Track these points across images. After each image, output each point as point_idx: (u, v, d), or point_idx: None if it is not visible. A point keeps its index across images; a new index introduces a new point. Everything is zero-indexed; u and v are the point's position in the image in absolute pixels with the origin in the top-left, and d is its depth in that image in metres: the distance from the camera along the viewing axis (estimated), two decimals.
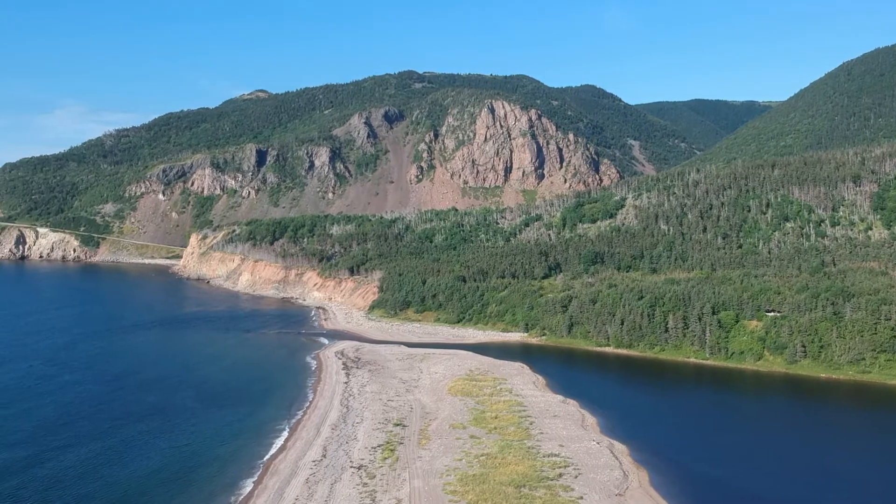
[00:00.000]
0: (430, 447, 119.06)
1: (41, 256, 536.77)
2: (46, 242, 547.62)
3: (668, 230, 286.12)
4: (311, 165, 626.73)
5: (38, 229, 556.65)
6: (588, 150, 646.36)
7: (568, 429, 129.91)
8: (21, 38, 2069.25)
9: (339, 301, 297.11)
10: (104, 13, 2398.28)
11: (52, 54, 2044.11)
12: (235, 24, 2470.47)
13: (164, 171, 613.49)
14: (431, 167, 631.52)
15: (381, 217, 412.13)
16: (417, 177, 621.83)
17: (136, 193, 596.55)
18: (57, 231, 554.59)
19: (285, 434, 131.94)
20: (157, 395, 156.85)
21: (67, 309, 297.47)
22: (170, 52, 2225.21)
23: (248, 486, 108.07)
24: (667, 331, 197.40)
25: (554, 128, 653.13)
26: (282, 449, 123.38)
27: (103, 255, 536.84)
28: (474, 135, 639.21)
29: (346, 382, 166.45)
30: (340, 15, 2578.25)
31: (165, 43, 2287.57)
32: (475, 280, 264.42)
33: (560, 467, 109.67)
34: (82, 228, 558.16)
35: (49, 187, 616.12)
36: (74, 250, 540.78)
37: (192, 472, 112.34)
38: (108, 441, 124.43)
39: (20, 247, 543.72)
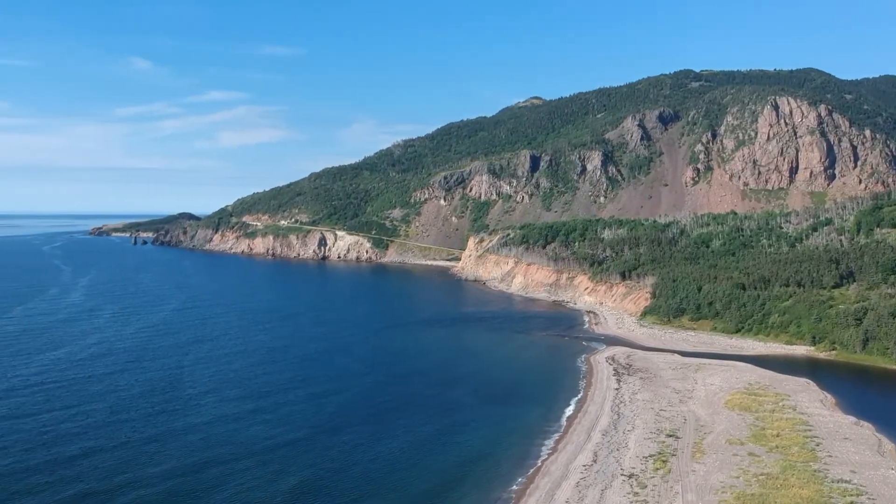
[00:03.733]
0: (704, 461, 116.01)
1: (339, 257, 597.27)
2: (343, 244, 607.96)
3: None
4: (583, 169, 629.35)
5: (337, 232, 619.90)
6: (888, 147, 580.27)
7: (861, 453, 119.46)
8: (320, 62, 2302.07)
9: (610, 306, 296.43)
10: (392, 35, 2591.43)
11: (350, 76, 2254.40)
12: (514, 33, 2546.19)
13: (444, 178, 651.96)
14: (708, 169, 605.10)
15: (655, 221, 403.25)
16: (693, 179, 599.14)
17: (420, 199, 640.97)
18: (352, 234, 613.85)
19: (556, 436, 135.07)
20: (441, 391, 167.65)
21: (362, 305, 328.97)
22: (454, 64, 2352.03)
23: (519, 483, 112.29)
24: None
25: (847, 124, 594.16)
26: (552, 450, 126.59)
27: (391, 257, 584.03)
28: (756, 134, 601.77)
29: (616, 389, 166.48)
30: (614, 17, 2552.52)
31: (451, 57, 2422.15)
32: (755, 288, 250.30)
33: (851, 495, 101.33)
34: (373, 232, 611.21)
35: (346, 194, 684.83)
36: (367, 251, 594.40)
37: (471, 467, 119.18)
38: (408, 436, 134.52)
39: (322, 248, 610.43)
